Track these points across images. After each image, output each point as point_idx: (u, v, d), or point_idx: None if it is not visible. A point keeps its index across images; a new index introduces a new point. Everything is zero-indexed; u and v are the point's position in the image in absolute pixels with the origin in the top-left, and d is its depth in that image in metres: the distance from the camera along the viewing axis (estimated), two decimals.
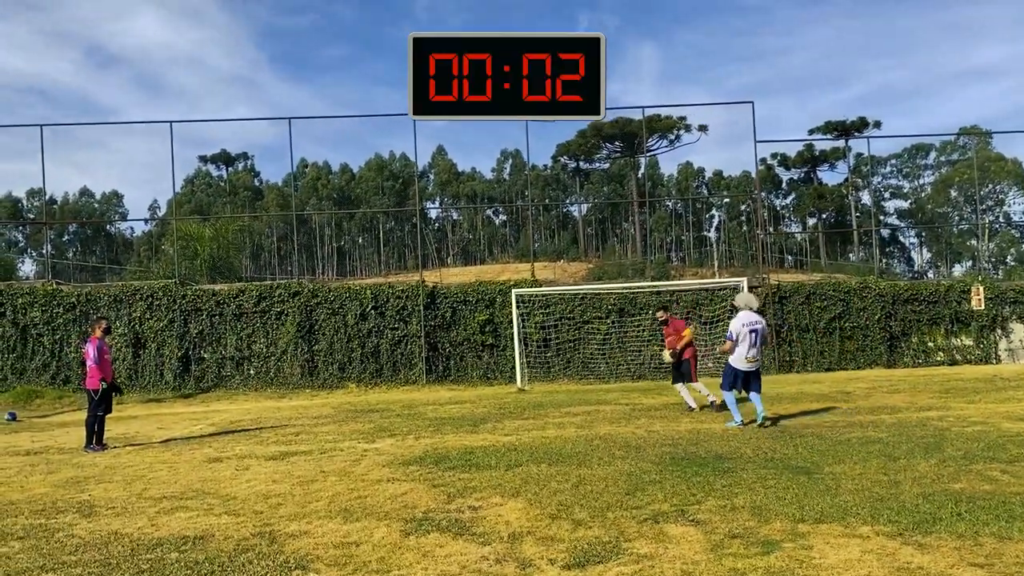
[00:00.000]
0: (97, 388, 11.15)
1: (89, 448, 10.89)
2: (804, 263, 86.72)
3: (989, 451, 7.82)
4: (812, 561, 4.51)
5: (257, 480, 7.98)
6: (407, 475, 7.87)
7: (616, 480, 7.10)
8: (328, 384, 21.53)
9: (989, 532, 4.93)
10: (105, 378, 11.27)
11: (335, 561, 4.95)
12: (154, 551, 5.35)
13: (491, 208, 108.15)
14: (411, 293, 22.27)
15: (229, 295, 22.19)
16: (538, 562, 4.75)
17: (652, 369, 21.57)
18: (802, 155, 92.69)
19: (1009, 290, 23.58)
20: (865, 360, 22.43)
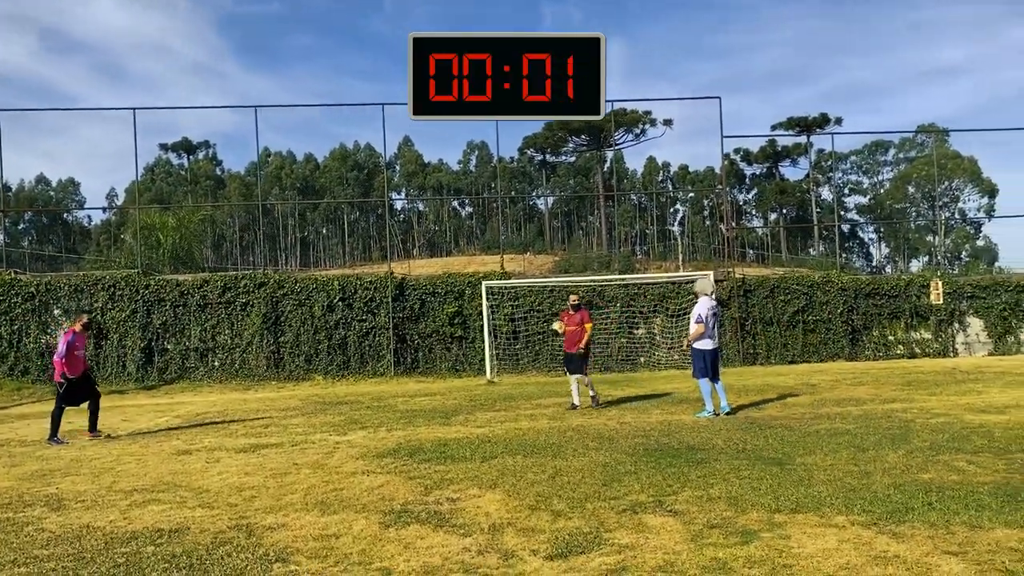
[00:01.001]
0: (59, 382, 11.06)
1: (53, 440, 10.71)
2: (766, 257, 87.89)
3: (954, 442, 8.01)
4: (791, 550, 4.59)
5: (229, 473, 7.89)
6: (382, 467, 7.84)
7: (592, 471, 7.14)
8: (294, 376, 21.33)
9: (960, 521, 5.06)
10: (70, 373, 11.08)
11: (315, 554, 4.91)
12: (129, 544, 5.27)
13: (457, 200, 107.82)
14: (379, 285, 22.13)
15: (193, 285, 21.86)
16: (520, 553, 4.77)
17: (619, 361, 21.73)
18: (764, 151, 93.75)
19: (966, 285, 24.14)
20: (828, 353, 22.81)
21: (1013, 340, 23.58)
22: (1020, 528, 4.86)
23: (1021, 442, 7.89)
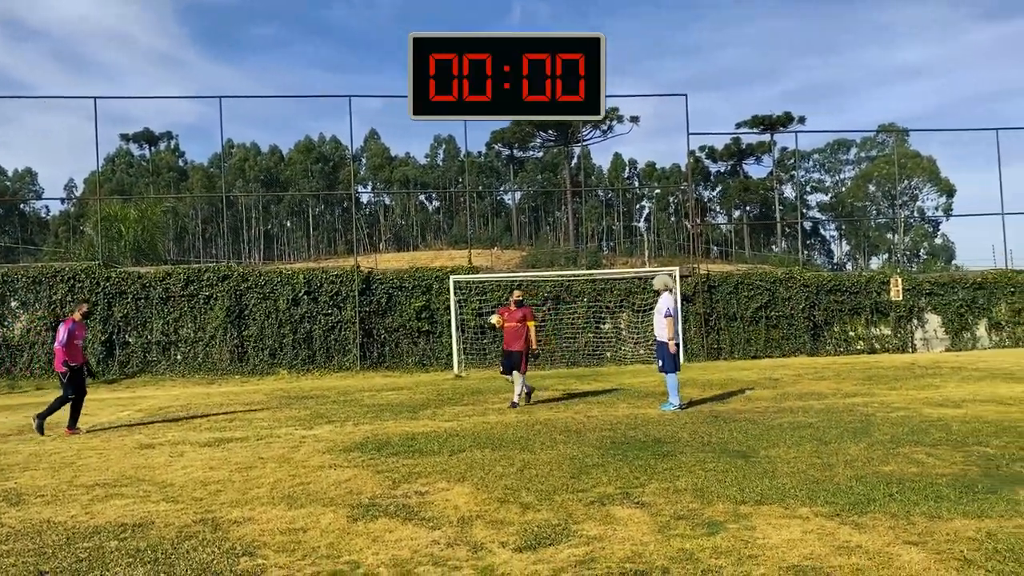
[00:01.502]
0: (62, 371, 11.00)
1: (38, 419, 10.80)
2: (729, 254, 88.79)
3: (913, 435, 8.19)
4: (756, 541, 4.66)
5: (193, 467, 7.79)
6: (349, 461, 7.80)
7: (560, 464, 7.18)
8: (259, 370, 21.11)
9: (920, 512, 5.17)
10: (71, 361, 10.98)
11: (283, 547, 4.88)
12: (91, 539, 5.18)
13: (424, 194, 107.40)
14: (345, 278, 21.98)
15: (155, 278, 21.51)
16: (490, 545, 4.78)
17: (586, 356, 21.83)
18: (729, 148, 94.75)
19: (925, 282, 24.63)
20: (790, 348, 23.14)
21: (969, 336, 24.11)
22: (977, 518, 4.98)
23: (977, 435, 8.08)
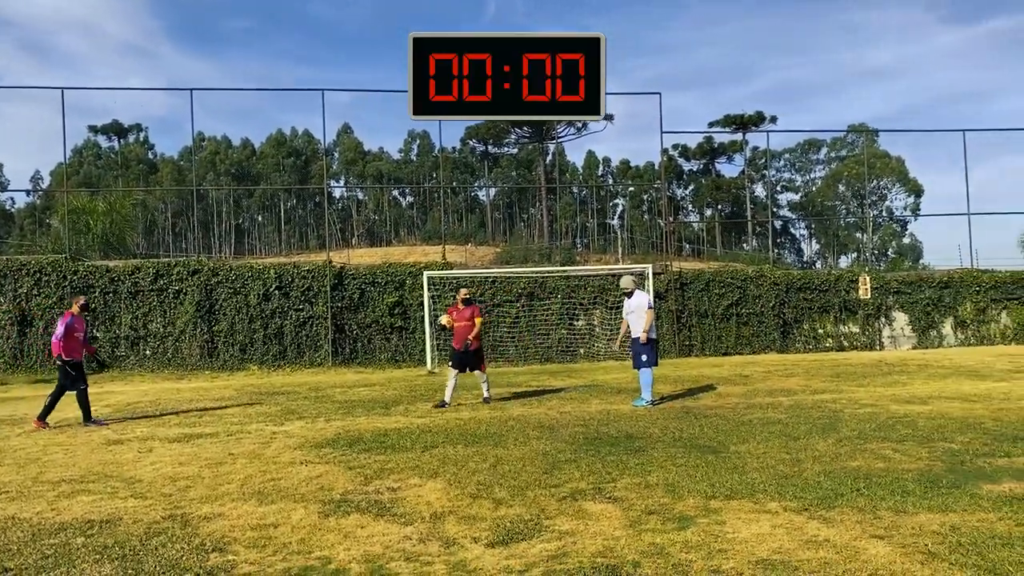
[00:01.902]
0: (64, 360, 10.95)
1: (91, 423, 10.81)
2: (701, 251, 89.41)
3: (880, 431, 8.31)
4: (726, 535, 4.70)
5: (162, 463, 7.71)
6: (320, 457, 7.76)
7: (533, 460, 7.19)
8: (229, 366, 20.91)
9: (886, 506, 5.25)
10: (68, 354, 10.92)
11: (253, 543, 4.84)
12: (58, 536, 5.11)
13: (398, 189, 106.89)
14: (317, 273, 21.83)
15: (124, 272, 21.21)
16: (462, 540, 4.78)
17: (560, 352, 21.89)
18: (702, 147, 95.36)
19: (893, 280, 25.00)
20: (760, 345, 23.38)
21: (935, 334, 24.51)
22: (942, 512, 5.07)
23: (943, 431, 8.23)
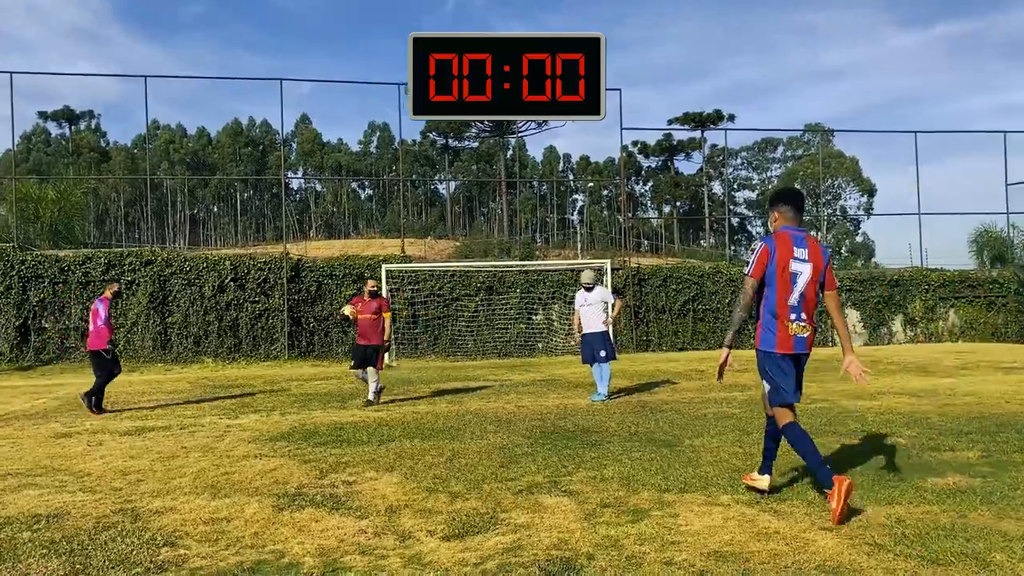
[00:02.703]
0: (107, 348, 11.01)
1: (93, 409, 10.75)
2: (659, 248, 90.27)
3: (830, 426, 8.48)
4: (680, 528, 4.77)
5: (113, 456, 7.56)
6: (275, 451, 7.68)
7: (489, 453, 7.21)
8: (183, 358, 20.59)
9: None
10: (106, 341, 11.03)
11: (205, 537, 4.78)
12: (3, 530, 4.98)
13: (357, 181, 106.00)
14: (274, 265, 21.58)
15: (75, 262, 20.73)
16: (417, 534, 4.77)
17: (519, 347, 21.95)
18: (661, 144, 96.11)
19: (845, 279, 25.52)
20: (716, 341, 23.67)
21: (886, 331, 25.11)
22: (888, 505, 5.20)
23: (891, 426, 8.43)
